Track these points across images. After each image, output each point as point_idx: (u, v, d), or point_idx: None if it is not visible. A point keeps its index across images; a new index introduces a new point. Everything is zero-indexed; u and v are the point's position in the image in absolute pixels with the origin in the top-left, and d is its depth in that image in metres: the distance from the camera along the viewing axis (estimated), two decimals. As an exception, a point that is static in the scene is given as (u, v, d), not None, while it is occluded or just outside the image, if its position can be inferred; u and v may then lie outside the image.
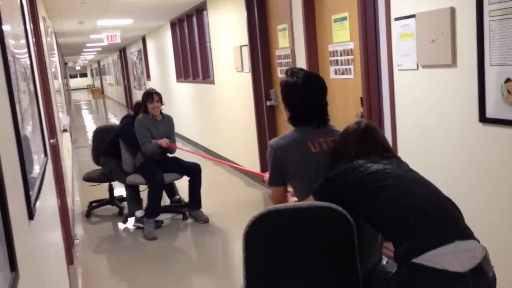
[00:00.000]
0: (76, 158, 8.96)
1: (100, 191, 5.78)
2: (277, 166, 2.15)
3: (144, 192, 4.87)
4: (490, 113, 2.42)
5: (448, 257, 1.58)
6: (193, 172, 4.79)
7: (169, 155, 4.84)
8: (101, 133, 5.37)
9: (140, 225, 4.65)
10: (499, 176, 2.46)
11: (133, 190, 4.86)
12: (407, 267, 1.63)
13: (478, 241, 1.68)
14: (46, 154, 2.57)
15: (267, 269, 1.83)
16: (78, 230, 4.92)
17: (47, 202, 2.43)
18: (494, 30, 2.31)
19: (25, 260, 1.37)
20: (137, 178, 4.75)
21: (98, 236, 4.71)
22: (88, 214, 5.24)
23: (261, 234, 1.80)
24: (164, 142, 4.58)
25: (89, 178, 5.27)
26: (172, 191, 5.18)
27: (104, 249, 4.42)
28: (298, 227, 1.81)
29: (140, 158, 4.68)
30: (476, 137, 2.56)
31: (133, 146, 4.72)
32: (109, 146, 4.96)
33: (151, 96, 4.62)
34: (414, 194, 1.77)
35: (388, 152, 2.00)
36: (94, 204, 5.36)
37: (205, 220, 4.74)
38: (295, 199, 2.22)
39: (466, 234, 1.68)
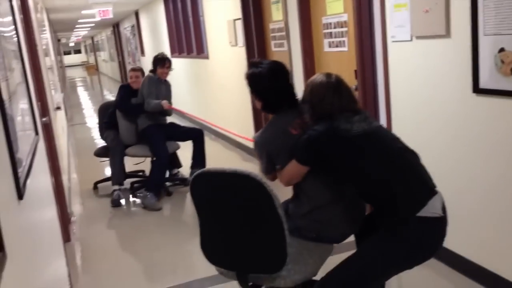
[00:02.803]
0: (72, 135, 8.92)
1: (99, 167, 5.79)
2: (266, 157, 2.25)
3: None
4: (484, 83, 2.39)
5: (437, 205, 1.94)
6: (196, 136, 4.88)
7: (168, 118, 4.96)
8: (106, 109, 5.30)
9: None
10: (493, 147, 2.45)
11: (120, 159, 4.85)
12: (414, 221, 1.92)
13: None
14: (37, 133, 2.55)
15: (208, 217, 2.15)
16: (76, 207, 4.93)
17: (39, 180, 2.42)
18: (489, -1, 2.27)
19: (14, 240, 1.37)
20: (138, 150, 4.79)
21: (98, 212, 4.69)
22: (95, 187, 5.29)
23: (199, 189, 2.10)
24: (166, 103, 4.67)
25: (98, 153, 5.26)
26: (174, 163, 5.11)
27: (104, 224, 4.42)
28: (225, 188, 2.05)
29: (144, 123, 4.70)
30: (470, 108, 2.54)
31: (130, 115, 4.78)
32: (108, 118, 5.01)
33: (163, 61, 4.77)
34: (397, 155, 2.01)
35: (356, 104, 2.12)
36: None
37: None
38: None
39: (435, 184, 2.02)
